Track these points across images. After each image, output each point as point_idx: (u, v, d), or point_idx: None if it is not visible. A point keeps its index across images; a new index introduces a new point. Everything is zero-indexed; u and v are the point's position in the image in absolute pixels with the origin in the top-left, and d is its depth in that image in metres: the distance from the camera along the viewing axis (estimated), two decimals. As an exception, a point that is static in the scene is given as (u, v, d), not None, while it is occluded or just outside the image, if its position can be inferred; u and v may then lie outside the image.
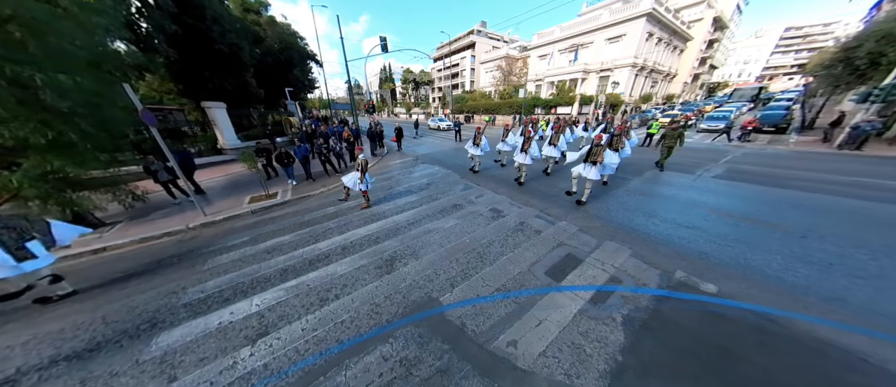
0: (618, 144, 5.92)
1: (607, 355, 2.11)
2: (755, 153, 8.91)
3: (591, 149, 4.73)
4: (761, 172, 6.66)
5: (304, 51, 16.15)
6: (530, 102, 24.80)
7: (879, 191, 5.20)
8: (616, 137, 5.94)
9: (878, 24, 9.67)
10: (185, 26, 8.57)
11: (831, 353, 2.07)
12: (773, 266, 3.08)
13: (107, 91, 4.30)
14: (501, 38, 43.17)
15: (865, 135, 8.42)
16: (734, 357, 2.06)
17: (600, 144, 4.66)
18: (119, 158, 5.22)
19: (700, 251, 3.42)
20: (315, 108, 37.84)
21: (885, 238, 3.58)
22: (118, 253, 4.31)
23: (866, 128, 8.46)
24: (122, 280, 3.52)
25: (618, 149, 5.80)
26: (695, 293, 2.70)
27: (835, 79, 10.78)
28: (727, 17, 34.19)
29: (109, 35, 4.93)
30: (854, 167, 6.91)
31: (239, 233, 4.72)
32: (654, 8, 21.20)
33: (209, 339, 2.51)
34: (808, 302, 2.55)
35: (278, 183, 7.23)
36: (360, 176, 4.98)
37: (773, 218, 4.26)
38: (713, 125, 13.16)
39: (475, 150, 7.07)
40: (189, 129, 10.97)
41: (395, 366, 2.11)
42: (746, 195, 5.31)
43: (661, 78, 28.32)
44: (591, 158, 4.70)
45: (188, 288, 3.25)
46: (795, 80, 36.21)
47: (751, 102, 23.44)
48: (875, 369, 1.94)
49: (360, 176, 4.97)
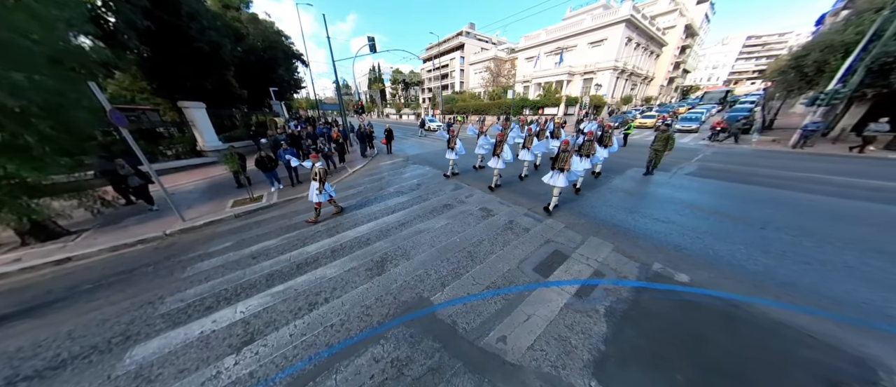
0: (589, 149, 5.44)
1: (591, 345, 2.19)
2: (723, 152, 9.53)
3: (558, 155, 4.46)
4: (728, 170, 7.12)
5: (289, 50, 15.61)
6: (519, 102, 25.25)
7: (824, 185, 5.71)
8: (587, 143, 5.43)
9: (822, 36, 10.65)
10: (158, 22, 8.04)
11: (785, 332, 2.25)
12: (737, 256, 3.31)
13: (70, 90, 3.96)
14: (490, 40, 43.65)
15: (813, 134, 9.33)
16: (704, 341, 2.20)
17: (567, 150, 4.34)
18: (86, 161, 4.84)
19: (674, 244, 3.62)
20: (302, 108, 36.65)
21: (828, 227, 3.94)
22: (86, 263, 3.99)
23: (813, 127, 9.35)
24: (90, 292, 3.26)
25: (589, 155, 5.41)
26: (670, 283, 2.85)
27: (788, 84, 11.73)
28: (697, 25, 36.35)
29: (72, 29, 4.54)
30: (805, 164, 7.54)
31: (221, 238, 4.50)
32: (632, 14, 22.20)
33: (190, 349, 2.37)
34: (765, 287, 2.76)
35: (261, 187, 6.92)
36: (318, 187, 4.49)
37: (737, 212, 4.57)
38: (687, 126, 14.01)
39: (451, 154, 6.84)
40: (165, 130, 10.31)
41: (386, 367, 2.08)
42: (715, 191, 5.67)
43: (640, 81, 29.68)
44: (558, 164, 4.43)
45: (166, 297, 3.06)
46: (757, 84, 39.02)
47: (719, 104, 25.11)
48: (820, 344, 2.13)
49: (319, 186, 4.49)
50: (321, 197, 4.57)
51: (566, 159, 4.31)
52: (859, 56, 8.34)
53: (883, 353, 2.03)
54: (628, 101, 28.00)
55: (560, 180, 4.40)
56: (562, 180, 4.39)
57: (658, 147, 6.26)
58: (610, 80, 24.13)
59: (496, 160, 5.76)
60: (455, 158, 6.90)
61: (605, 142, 6.07)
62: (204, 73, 9.93)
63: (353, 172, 8.56)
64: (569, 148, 4.34)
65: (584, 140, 5.39)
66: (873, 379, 1.87)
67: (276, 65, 14.86)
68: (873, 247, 3.39)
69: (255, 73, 13.82)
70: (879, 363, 1.96)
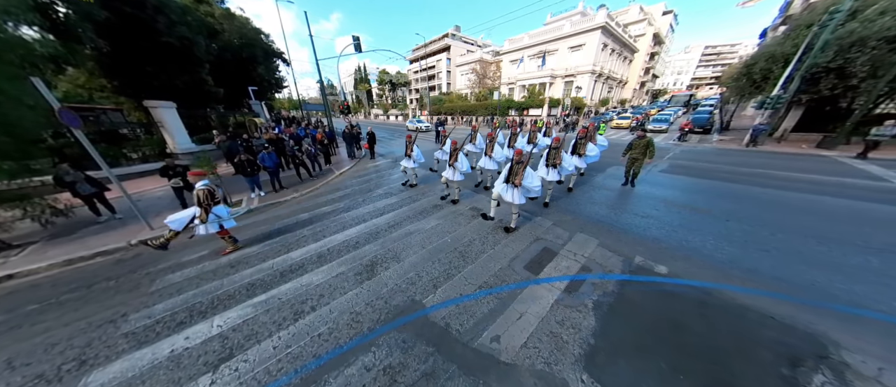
0: (555, 158, 4.58)
1: (581, 339, 2.20)
2: (689, 150, 10.20)
3: (511, 167, 3.62)
4: (695, 167, 7.61)
5: (268, 48, 14.76)
6: (505, 103, 25.65)
7: (773, 179, 6.26)
8: (553, 151, 4.56)
9: (766, 47, 11.75)
10: (120, 15, 7.27)
11: (750, 315, 2.39)
12: (707, 246, 3.50)
13: (9, 87, 3.45)
14: (475, 42, 44.01)
15: (761, 133, 10.26)
16: (681, 328, 2.28)
17: (520, 162, 3.57)
18: (33, 166, 4.25)
19: (653, 237, 3.77)
20: (285, 108, 34.93)
21: (780, 218, 4.30)
22: (32, 280, 3.49)
23: (762, 129, 10.30)
24: (36, 313, 2.85)
25: (555, 164, 4.59)
26: (650, 275, 2.96)
27: (740, 89, 12.84)
28: (664, 34, 38.89)
29: (9, 18, 3.96)
30: (757, 160, 8.25)
31: (195, 247, 4.11)
32: (607, 22, 23.32)
33: (158, 371, 2.12)
34: (732, 274, 2.93)
35: (242, 191, 6.45)
36: (199, 214, 3.30)
37: (705, 205, 4.87)
38: (658, 126, 14.99)
39: (408, 162, 5.91)
40: (130, 131, 9.36)
41: (378, 375, 1.97)
42: (686, 186, 6.02)
43: (616, 84, 31.27)
44: (511, 178, 3.61)
45: (130, 314, 2.73)
46: (715, 89, 42.41)
47: (684, 107, 27.07)
48: (780, 324, 2.29)
49: (201, 213, 3.29)
50: (209, 227, 3.38)
51: (518, 171, 3.52)
52: (796, 66, 9.27)
53: (829, 328, 2.21)
54: (606, 103, 29.38)
55: (514, 196, 3.55)
56: (516, 196, 3.56)
57: (636, 155, 5.40)
58: (589, 83, 25.20)
59: (451, 171, 4.86)
60: (412, 166, 5.96)
61: (578, 150, 5.44)
62: (175, 70, 9.12)
63: (340, 174, 8.23)
64: (522, 159, 3.60)
65: (548, 149, 4.64)
66: (824, 353, 2.02)
67: (255, 63, 13.99)
68: (816, 234, 3.73)
69: (232, 71, 12.92)
70: (827, 339, 2.13)
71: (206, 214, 3.32)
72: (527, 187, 3.62)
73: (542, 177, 4.42)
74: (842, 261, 3.13)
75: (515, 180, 3.57)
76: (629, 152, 5.52)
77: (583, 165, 5.68)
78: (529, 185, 3.60)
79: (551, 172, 4.62)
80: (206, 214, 3.32)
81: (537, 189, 3.70)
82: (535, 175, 3.74)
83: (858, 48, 8.00)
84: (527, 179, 3.58)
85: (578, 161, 5.51)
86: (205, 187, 3.32)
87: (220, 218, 3.49)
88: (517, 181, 3.55)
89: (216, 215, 3.45)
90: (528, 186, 3.61)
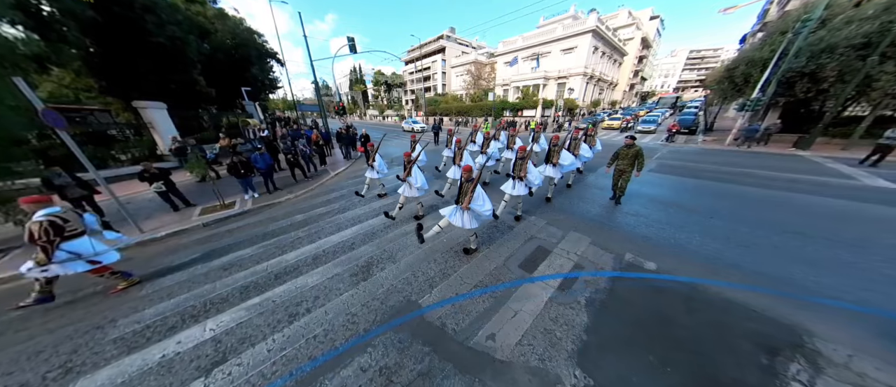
0: (520, 170, 3.90)
1: (574, 336, 2.23)
2: (677, 150, 10.46)
3: (461, 186, 3.12)
4: (681, 166, 7.81)
5: (262, 48, 14.47)
6: (499, 104, 25.80)
7: (753, 178, 6.47)
8: (519, 161, 3.96)
9: (746, 52, 12.17)
10: (107, 14, 7.02)
11: (733, 308, 2.47)
12: (693, 243, 3.60)
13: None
14: (470, 44, 44.17)
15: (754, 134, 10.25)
16: (669, 322, 2.34)
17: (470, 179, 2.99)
18: (15, 169, 4.07)
19: (643, 235, 3.85)
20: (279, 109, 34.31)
21: (759, 214, 4.46)
22: (14, 286, 3.33)
23: (755, 128, 10.38)
24: (20, 320, 2.71)
25: (521, 177, 3.90)
26: (640, 272, 3.02)
27: (723, 92, 13.26)
28: (651, 38, 39.82)
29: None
30: (739, 160, 8.52)
31: (188, 249, 4.01)
32: (598, 26, 23.75)
33: (148, 376, 2.05)
34: (716, 270, 3.01)
35: (235, 192, 6.31)
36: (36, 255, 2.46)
37: (691, 203, 5.00)
38: (646, 127, 15.38)
39: (371, 173, 5.21)
40: (119, 132, 9.03)
41: (374, 376, 1.95)
42: (673, 185, 6.16)
43: (606, 86, 31.83)
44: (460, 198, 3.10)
45: (119, 320, 2.64)
46: (699, 91, 43.68)
47: (671, 109, 27.80)
48: (760, 316, 2.37)
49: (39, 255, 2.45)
50: (66, 267, 2.58)
51: (468, 191, 2.92)
52: (773, 71, 9.63)
53: (804, 319, 2.30)
54: (597, 104, 29.90)
55: (464, 220, 2.92)
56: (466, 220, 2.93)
57: (624, 166, 4.54)
58: (581, 85, 25.60)
59: (404, 187, 4.20)
60: (375, 177, 5.23)
61: (551, 159, 4.78)
62: (167, 70, 8.86)
63: (335, 175, 8.14)
64: (472, 176, 2.99)
65: (515, 159, 3.99)
66: (799, 342, 2.10)
67: (248, 64, 13.70)
68: (792, 229, 3.87)
69: (225, 71, 12.61)
70: (802, 329, 2.21)
71: (46, 255, 2.45)
72: (475, 211, 2.94)
73: (506, 191, 3.95)
74: (815, 255, 3.26)
75: (463, 203, 2.90)
76: (616, 163, 4.63)
77: (557, 174, 4.88)
78: (478, 208, 2.91)
79: (517, 185, 3.89)
80: (47, 254, 2.46)
81: (487, 214, 2.97)
82: (487, 198, 3.01)
83: (828, 54, 8.36)
84: (476, 201, 2.88)
85: (553, 171, 4.79)
86: (43, 220, 2.43)
87: (79, 256, 2.62)
88: (465, 204, 2.88)
89: (73, 253, 2.60)
90: (477, 210, 2.93)
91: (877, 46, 7.54)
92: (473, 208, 2.92)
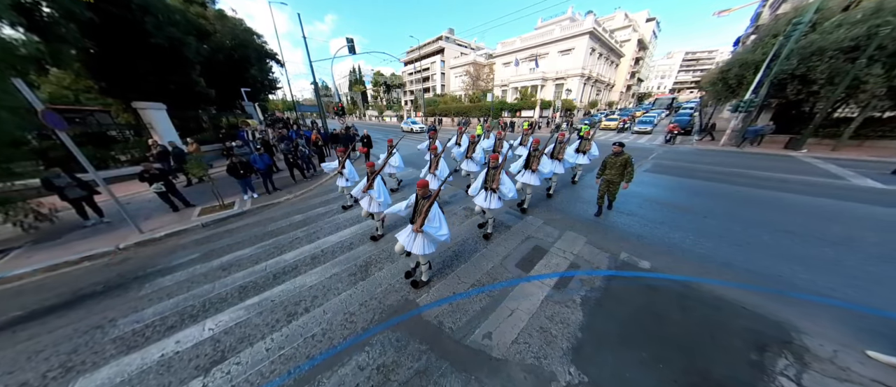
0: (492, 181, 3.43)
1: (569, 334, 2.25)
2: (672, 150, 10.53)
3: (416, 204, 2.68)
4: (676, 166, 7.86)
5: (261, 49, 14.42)
6: (498, 105, 25.84)
7: (745, 178, 6.53)
8: (491, 171, 3.47)
9: (739, 55, 12.25)
10: (105, 15, 6.98)
11: (724, 306, 2.50)
12: (687, 242, 3.63)
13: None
14: (469, 45, 44.21)
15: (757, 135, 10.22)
16: (662, 320, 2.36)
17: (427, 196, 2.55)
18: (14, 169, 4.05)
19: (637, 234, 3.88)
20: (278, 109, 34.22)
21: (750, 213, 4.50)
22: (15, 287, 3.31)
23: (758, 129, 10.35)
24: (20, 320, 2.71)
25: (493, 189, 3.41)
26: (635, 271, 3.04)
27: (718, 93, 13.35)
28: (647, 40, 40.02)
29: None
30: (732, 160, 8.58)
31: (186, 250, 4.00)
32: (595, 28, 23.85)
33: (148, 375, 2.05)
34: (709, 268, 3.04)
35: (234, 193, 6.28)
36: None
37: (686, 203, 5.05)
38: (643, 127, 15.45)
39: (341, 181, 4.75)
40: (119, 133, 8.98)
41: (372, 374, 1.96)
42: (668, 185, 6.21)
43: (604, 87, 31.96)
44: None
45: (119, 320, 2.63)
46: (695, 93, 43.97)
47: (668, 110, 27.95)
48: (750, 313, 2.40)
49: None
50: None
51: (422, 210, 2.49)
52: (765, 73, 9.72)
53: (792, 316, 2.33)
54: (594, 105, 30.01)
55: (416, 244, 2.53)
56: (419, 244, 2.53)
57: (612, 177, 4.11)
58: (578, 86, 25.69)
59: (366, 201, 3.66)
60: (346, 184, 4.75)
61: (530, 165, 4.38)
62: (167, 71, 8.81)
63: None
64: (429, 193, 2.56)
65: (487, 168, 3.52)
66: (787, 338, 2.13)
67: (247, 64, 13.65)
68: (782, 228, 3.92)
69: (225, 72, 12.56)
70: (790, 325, 2.25)
71: None
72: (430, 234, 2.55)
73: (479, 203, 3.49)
74: (803, 253, 3.30)
75: (415, 224, 2.51)
76: (603, 174, 4.22)
77: (536, 181, 4.42)
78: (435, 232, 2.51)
79: (490, 196, 3.42)
80: None
81: (443, 237, 2.55)
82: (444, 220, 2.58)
83: (818, 57, 8.46)
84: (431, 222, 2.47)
85: (532, 177, 4.35)
86: None
87: None
88: (418, 226, 2.48)
89: None
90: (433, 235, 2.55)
91: (865, 49, 7.64)
92: (427, 231, 2.48)
